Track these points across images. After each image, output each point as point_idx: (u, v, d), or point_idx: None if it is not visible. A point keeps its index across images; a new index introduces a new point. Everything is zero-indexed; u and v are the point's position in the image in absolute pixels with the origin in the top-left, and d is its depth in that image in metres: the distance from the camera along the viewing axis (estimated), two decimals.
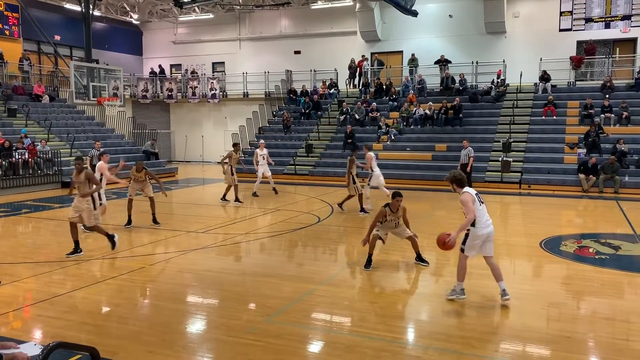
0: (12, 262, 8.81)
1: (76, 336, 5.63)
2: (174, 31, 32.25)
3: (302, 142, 23.73)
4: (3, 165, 17.23)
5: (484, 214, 6.68)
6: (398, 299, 7.14)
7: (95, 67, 20.66)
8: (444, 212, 14.23)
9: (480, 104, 23.15)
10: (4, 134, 18.81)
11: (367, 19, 26.72)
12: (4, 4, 24.74)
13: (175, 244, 10.21)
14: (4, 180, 16.98)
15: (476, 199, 6.65)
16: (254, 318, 6.37)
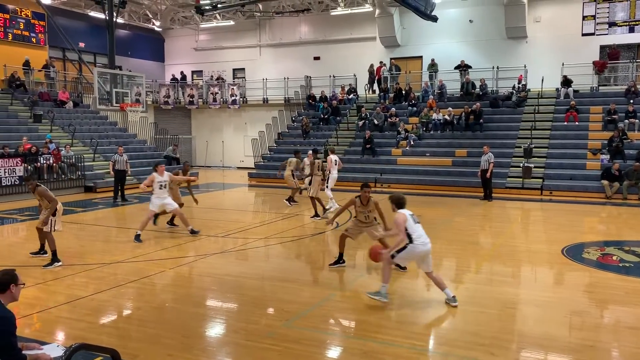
0: (36, 264, 8.97)
1: (97, 338, 5.71)
2: (195, 38, 32.63)
3: (321, 147, 23.74)
4: (29, 169, 17.58)
5: (420, 233, 6.98)
6: (417, 305, 7.09)
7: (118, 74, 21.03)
8: (464, 219, 14.11)
9: (501, 109, 22.94)
10: (30, 139, 19.20)
11: (387, 24, 26.70)
12: (31, 13, 25.32)
13: (195, 248, 10.31)
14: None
15: (410, 219, 6.99)
16: (272, 322, 6.39)
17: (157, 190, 11.08)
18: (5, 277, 4.10)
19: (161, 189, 11.08)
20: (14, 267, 8.05)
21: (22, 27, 25.17)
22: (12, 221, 13.36)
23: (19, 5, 24.71)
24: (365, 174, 21.25)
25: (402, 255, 6.97)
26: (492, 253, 10.11)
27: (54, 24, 23.69)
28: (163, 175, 11.09)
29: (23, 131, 20.44)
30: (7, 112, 21.87)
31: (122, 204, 16.49)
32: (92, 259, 9.30)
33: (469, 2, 25.59)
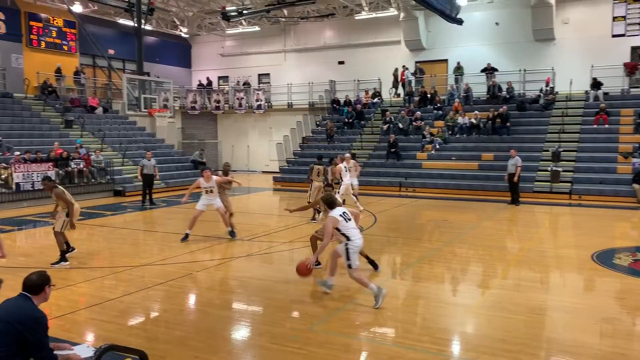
0: (66, 266, 9.19)
1: (126, 340, 5.81)
2: (221, 44, 33.02)
3: (345, 151, 23.74)
4: (60, 174, 18.01)
5: (354, 230, 7.30)
6: (443, 310, 7.04)
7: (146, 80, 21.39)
8: (491, 223, 13.93)
9: (528, 112, 22.61)
10: (61, 145, 19.66)
11: (412, 28, 26.61)
12: (63, 21, 25.98)
13: (221, 251, 10.41)
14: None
15: (342, 220, 7.17)
16: (297, 326, 6.42)
17: (203, 195, 11.23)
18: (42, 279, 4.21)
19: (207, 194, 11.21)
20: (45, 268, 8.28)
21: (55, 35, 25.85)
22: (44, 224, 13.70)
23: (51, 14, 25.39)
24: (389, 178, 21.19)
25: (352, 257, 7.21)
26: (519, 258, 9.97)
27: (84, 32, 24.26)
28: (209, 182, 11.13)
29: (55, 136, 20.97)
30: (40, 118, 22.46)
31: (150, 207, 16.76)
32: (120, 262, 9.48)
33: (494, 4, 25.33)
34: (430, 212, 16.23)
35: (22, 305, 4.02)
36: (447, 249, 10.72)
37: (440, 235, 12.48)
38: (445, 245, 11.06)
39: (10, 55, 24.14)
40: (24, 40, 24.64)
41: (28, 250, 10.86)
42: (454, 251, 10.56)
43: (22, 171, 16.76)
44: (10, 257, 6.82)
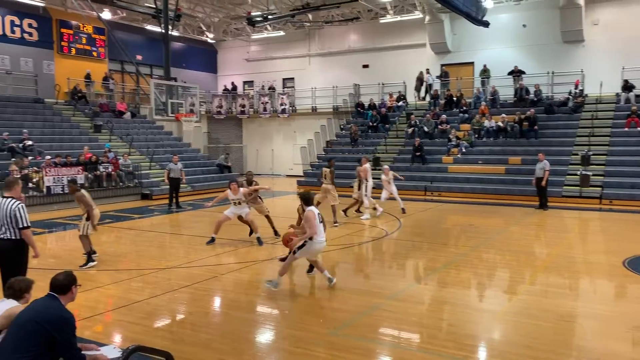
0: (95, 269, 9.36)
1: (152, 341, 5.88)
2: (246, 49, 33.32)
3: (370, 155, 23.69)
4: (89, 178, 18.37)
5: (321, 232, 7.69)
6: (469, 316, 6.94)
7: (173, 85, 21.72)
8: (518, 228, 13.71)
9: (556, 115, 22.21)
10: (90, 149, 20.06)
11: (437, 31, 26.43)
12: (92, 28, 26.56)
13: (245, 255, 10.47)
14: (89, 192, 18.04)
15: (317, 218, 7.58)
16: (320, 330, 6.40)
17: (231, 206, 11.31)
18: (68, 279, 4.29)
19: (235, 205, 11.29)
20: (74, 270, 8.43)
21: (84, 42, 26.43)
22: (74, 227, 13.97)
23: (81, 21, 25.97)
24: (414, 182, 21.03)
25: (303, 250, 7.68)
26: (547, 264, 9.78)
27: (113, 38, 24.78)
28: (237, 194, 11.17)
29: (84, 141, 21.41)
30: (70, 122, 22.97)
31: (176, 211, 16.97)
32: (147, 264, 9.61)
33: (521, 6, 24.99)
34: (456, 217, 16.06)
35: (50, 305, 4.09)
36: (474, 254, 10.59)
37: (467, 240, 12.33)
38: (472, 250, 10.92)
39: (42, 62, 24.76)
40: (55, 47, 25.26)
41: (58, 252, 11.10)
42: (480, 256, 10.42)
43: (52, 175, 17.15)
44: (41, 259, 6.98)
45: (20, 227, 6.28)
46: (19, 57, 23.82)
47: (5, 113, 21.12)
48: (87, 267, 9.37)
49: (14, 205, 6.28)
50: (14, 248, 6.32)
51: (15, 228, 6.28)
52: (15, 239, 6.32)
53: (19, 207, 6.28)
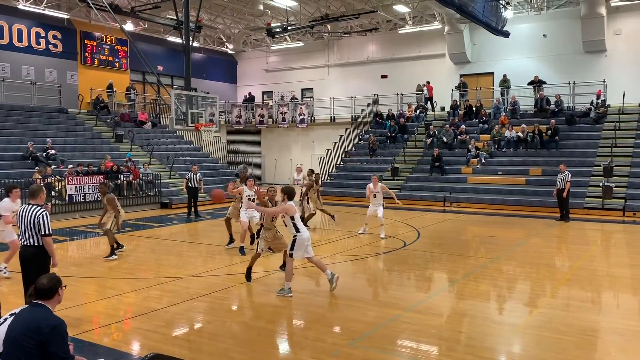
0: (115, 277, 9.45)
1: (170, 350, 5.91)
2: (266, 60, 33.60)
3: (388, 165, 23.66)
4: (110, 186, 18.59)
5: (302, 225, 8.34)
6: (488, 329, 6.84)
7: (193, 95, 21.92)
8: (539, 240, 13.52)
9: (578, 126, 21.94)
10: (112, 158, 20.34)
11: (456, 41, 26.36)
12: (115, 39, 27.06)
13: (263, 264, 10.48)
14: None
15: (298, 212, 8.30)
16: (338, 341, 6.37)
17: (245, 203, 11.39)
18: (53, 282, 4.05)
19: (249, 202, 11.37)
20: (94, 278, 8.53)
21: (107, 53, 26.94)
22: (94, 235, 14.16)
23: (104, 33, 26.48)
24: (433, 193, 20.91)
25: (296, 248, 8.11)
26: (569, 276, 9.62)
27: (135, 49, 25.13)
28: (252, 189, 11.42)
29: (106, 150, 21.75)
30: (92, 132, 23.36)
31: (195, 220, 17.09)
32: (166, 273, 9.68)
33: (542, 16, 24.83)
34: (476, 228, 15.90)
35: (37, 315, 3.87)
36: (493, 265, 10.46)
37: (486, 251, 12.19)
38: (491, 262, 10.79)
39: (66, 73, 25.28)
40: (78, 58, 25.77)
41: (79, 260, 11.23)
42: (500, 268, 10.29)
43: (74, 183, 17.42)
44: (62, 267, 7.08)
45: (42, 234, 6.39)
46: (44, 68, 24.35)
47: (30, 122, 21.57)
48: (110, 259, 10.27)
49: (38, 213, 6.40)
50: (37, 254, 6.43)
51: (38, 235, 6.39)
52: (38, 246, 6.43)
53: (42, 215, 6.40)
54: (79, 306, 7.54)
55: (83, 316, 7.13)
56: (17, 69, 23.35)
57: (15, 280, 6.86)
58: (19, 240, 6.62)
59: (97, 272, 9.56)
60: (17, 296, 6.47)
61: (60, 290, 4.07)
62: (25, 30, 23.65)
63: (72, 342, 4.13)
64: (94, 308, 7.60)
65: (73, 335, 5.73)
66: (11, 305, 4.41)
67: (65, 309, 6.98)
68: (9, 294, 7.86)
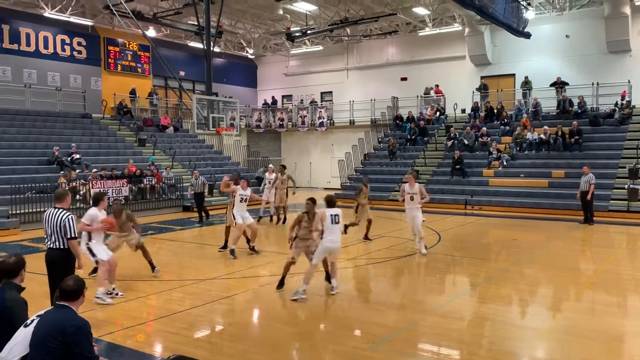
0: (137, 279, 9.58)
1: (192, 352, 5.97)
2: (285, 64, 33.75)
3: (408, 168, 23.52)
4: (133, 190, 18.88)
5: (332, 232, 8.14)
6: (510, 333, 6.77)
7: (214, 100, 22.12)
8: (562, 243, 13.32)
9: (602, 127, 21.56)
10: (135, 162, 20.63)
11: (477, 43, 26.16)
12: (137, 45, 27.47)
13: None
14: (134, 204, 18.59)
15: (329, 219, 8.12)
16: (359, 344, 6.37)
17: (237, 204, 11.49)
18: (78, 284, 4.13)
19: (242, 202, 11.51)
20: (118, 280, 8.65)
21: (130, 59, 27.36)
22: None
23: (127, 39, 26.90)
24: (454, 196, 20.75)
25: (317, 253, 8.17)
26: (593, 280, 9.47)
27: (157, 55, 25.50)
28: (246, 190, 11.58)
29: (129, 154, 22.06)
30: (116, 136, 23.73)
31: (209, 222, 17.21)
32: (188, 275, 9.79)
33: (564, 16, 24.49)
34: (498, 231, 15.74)
35: (63, 316, 3.95)
36: (515, 269, 10.35)
37: (508, 255, 12.06)
38: (513, 265, 10.67)
39: (90, 79, 25.72)
40: (102, 64, 26.22)
41: None
42: (522, 272, 10.17)
43: (98, 187, 17.69)
44: (86, 268, 7.20)
45: (68, 237, 6.52)
46: (69, 74, 24.82)
47: (55, 128, 22.01)
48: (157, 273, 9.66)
49: (64, 216, 6.53)
50: (62, 257, 6.56)
51: (64, 238, 6.52)
52: (64, 249, 6.56)
53: (68, 218, 6.53)
54: (102, 308, 7.67)
55: (107, 318, 7.25)
56: (43, 75, 23.85)
57: (40, 282, 7.01)
58: (45, 243, 6.75)
59: (119, 274, 9.68)
60: (43, 297, 6.61)
61: (84, 292, 4.15)
62: (50, 37, 24.16)
63: (96, 343, 4.20)
64: (117, 310, 7.72)
65: (97, 336, 5.83)
66: (38, 306, 4.51)
67: (89, 310, 7.11)
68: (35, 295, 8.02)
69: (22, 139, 20.16)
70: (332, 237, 8.15)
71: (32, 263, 5.42)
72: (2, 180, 16.62)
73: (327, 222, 8.14)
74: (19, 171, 17.67)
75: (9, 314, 4.20)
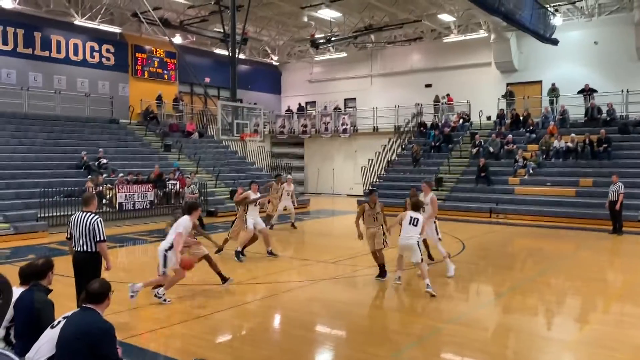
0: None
1: (213, 356, 6.01)
2: (309, 70, 33.88)
3: (432, 175, 23.34)
4: (158, 195, 19.09)
5: (407, 231, 8.79)
6: (536, 344, 6.64)
7: (239, 106, 22.31)
8: (589, 253, 13.05)
9: (631, 135, 21.09)
10: (160, 167, 20.85)
11: (503, 49, 25.89)
12: (164, 52, 27.92)
13: (306, 273, 10.53)
14: (158, 207, 18.82)
15: (407, 219, 8.87)
16: (379, 353, 6.32)
17: (250, 209, 11.60)
18: (104, 287, 4.18)
19: (255, 207, 11.69)
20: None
21: (157, 65, 27.81)
22: (143, 242, 14.57)
23: (154, 46, 27.37)
24: (479, 204, 20.49)
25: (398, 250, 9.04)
26: (622, 292, 9.24)
27: (183, 62, 25.88)
28: (256, 194, 11.78)
29: (155, 159, 22.36)
30: (142, 142, 24.11)
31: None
32: (211, 280, 9.84)
33: (593, 23, 24.09)
34: (523, 240, 15.49)
35: (88, 319, 4.01)
36: (541, 279, 10.16)
37: (534, 264, 11.85)
38: (539, 275, 10.48)
39: (118, 85, 26.23)
40: (129, 71, 26.71)
41: (128, 266, 11.58)
42: (548, 282, 9.99)
43: (124, 192, 17.98)
44: (112, 272, 7.30)
45: (97, 240, 6.62)
46: (97, 80, 25.34)
47: (83, 133, 22.46)
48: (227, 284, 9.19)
49: (93, 220, 6.64)
50: (90, 260, 6.67)
51: (92, 241, 6.63)
52: (92, 252, 6.67)
53: (97, 221, 6.64)
54: (127, 311, 7.76)
55: (131, 321, 7.34)
56: (72, 81, 24.39)
57: (67, 284, 7.14)
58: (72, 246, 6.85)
59: (145, 278, 9.80)
60: (69, 299, 6.73)
61: (110, 295, 4.21)
62: (80, 44, 24.72)
63: (120, 346, 4.26)
64: (141, 313, 7.81)
65: (121, 339, 5.90)
66: (64, 308, 4.59)
67: (113, 313, 7.20)
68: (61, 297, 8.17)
69: (52, 143, 20.62)
70: (406, 234, 8.79)
71: (59, 265, 5.53)
72: (32, 184, 17.02)
73: (404, 222, 8.82)
74: (48, 175, 18.06)
75: (37, 315, 4.29)
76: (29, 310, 4.31)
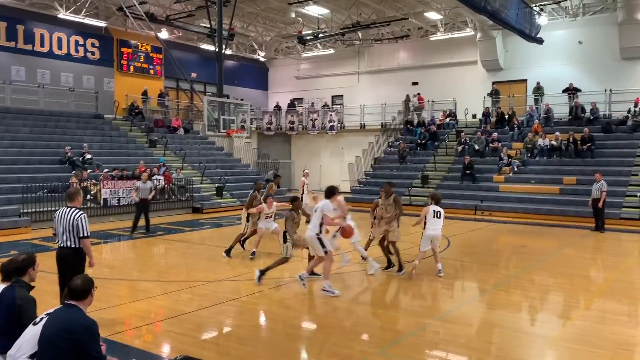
0: (146, 279, 9.63)
1: (199, 352, 5.98)
2: (297, 67, 33.79)
3: (418, 172, 23.47)
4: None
5: (433, 223, 9.64)
6: (519, 340, 6.72)
7: (226, 102, 22.19)
8: (573, 250, 13.21)
9: (614, 134, 21.38)
10: (145, 163, 20.71)
11: (489, 48, 26.06)
12: (150, 47, 27.67)
13: (292, 270, 10.51)
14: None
15: (431, 213, 9.67)
16: (366, 349, 6.35)
17: (263, 219, 11.56)
18: (87, 283, 4.12)
19: (267, 219, 11.58)
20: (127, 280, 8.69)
21: (142, 60, 27.55)
22: (128, 238, 14.45)
23: (140, 41, 27.11)
24: (464, 201, 20.64)
25: (422, 241, 9.78)
26: (604, 288, 9.37)
27: (169, 57, 25.66)
28: (271, 208, 11.60)
29: (140, 155, 22.17)
30: (127, 137, 23.89)
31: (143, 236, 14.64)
32: (196, 277, 9.81)
33: (577, 22, 24.34)
34: (508, 237, 15.64)
35: (71, 316, 3.96)
36: (525, 276, 10.27)
37: (518, 261, 11.98)
38: (523, 272, 10.59)
39: (103, 79, 25.94)
40: (115, 65, 26.43)
41: (112, 262, 11.48)
42: (532, 278, 10.10)
43: (109, 187, 17.82)
44: (96, 268, 7.23)
45: (81, 236, 6.55)
46: (82, 75, 25.05)
47: (67, 128, 22.21)
48: None
49: (77, 215, 6.56)
50: (74, 256, 6.60)
51: (76, 237, 6.55)
52: (75, 248, 6.59)
53: (81, 217, 6.56)
54: (111, 308, 7.70)
55: (115, 318, 7.28)
56: (56, 75, 24.08)
57: (50, 281, 7.06)
58: (55, 241, 6.77)
59: (129, 274, 9.75)
60: (52, 296, 6.66)
61: (93, 292, 4.16)
62: (65, 38, 24.40)
63: (104, 343, 4.23)
64: (125, 310, 7.76)
65: (105, 336, 5.85)
66: (48, 305, 4.54)
67: (97, 310, 7.14)
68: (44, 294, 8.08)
69: (34, 138, 20.36)
70: (434, 226, 9.57)
71: (43, 262, 5.46)
72: (14, 179, 16.79)
73: (429, 216, 9.59)
74: (30, 170, 17.84)
75: (18, 311, 4.24)
76: (10, 307, 4.26)
